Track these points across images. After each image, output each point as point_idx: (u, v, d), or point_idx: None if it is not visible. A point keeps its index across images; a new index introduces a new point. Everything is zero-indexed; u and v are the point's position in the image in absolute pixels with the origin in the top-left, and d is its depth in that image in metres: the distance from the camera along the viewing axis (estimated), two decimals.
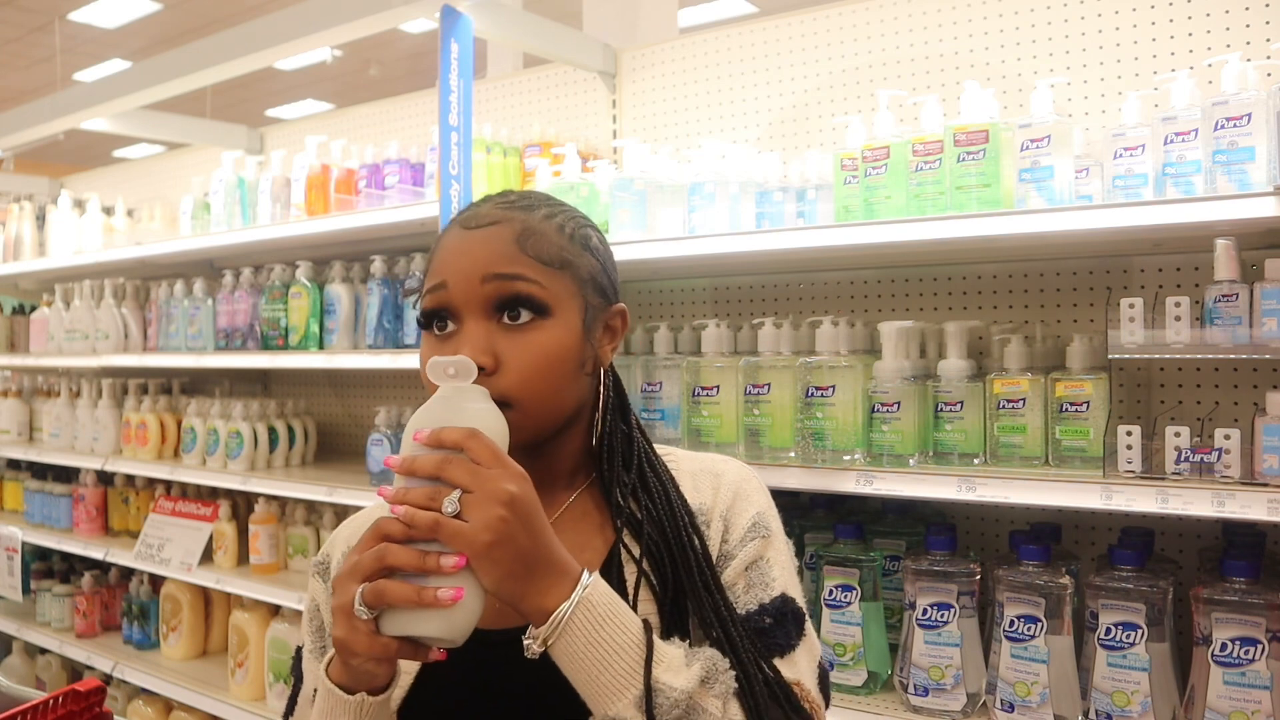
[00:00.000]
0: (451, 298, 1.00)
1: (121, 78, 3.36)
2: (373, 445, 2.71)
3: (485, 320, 0.99)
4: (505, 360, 0.97)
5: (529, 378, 0.97)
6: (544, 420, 1.01)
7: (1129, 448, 1.69)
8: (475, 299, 0.99)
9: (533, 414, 0.98)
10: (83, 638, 3.62)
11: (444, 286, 1.00)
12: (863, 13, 2.40)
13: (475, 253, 1.00)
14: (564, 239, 1.04)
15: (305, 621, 1.13)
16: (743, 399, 2.09)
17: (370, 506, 1.15)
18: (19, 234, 4.06)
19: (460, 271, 1.00)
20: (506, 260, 1.00)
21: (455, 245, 1.02)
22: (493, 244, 1.01)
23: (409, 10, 2.44)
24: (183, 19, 8.70)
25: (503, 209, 1.04)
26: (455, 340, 0.99)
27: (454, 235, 1.04)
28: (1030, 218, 1.73)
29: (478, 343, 0.97)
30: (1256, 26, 1.93)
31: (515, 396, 0.96)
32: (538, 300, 0.99)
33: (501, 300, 0.98)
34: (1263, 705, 1.59)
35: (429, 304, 1.02)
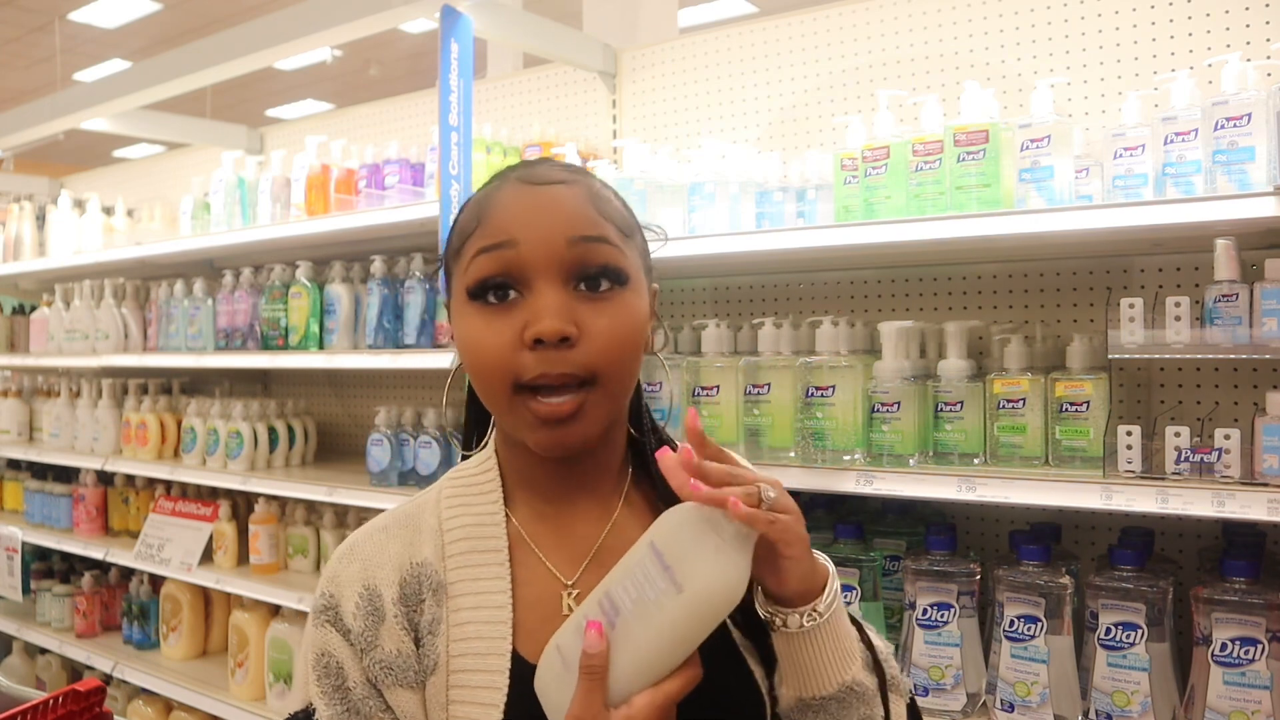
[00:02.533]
0: (524, 259, 0.87)
1: (121, 78, 3.36)
2: (373, 445, 2.71)
3: (562, 286, 0.88)
4: (587, 331, 0.87)
5: (612, 350, 0.88)
6: (620, 400, 0.93)
7: (1129, 448, 1.69)
8: (555, 262, 0.87)
9: (612, 392, 0.89)
10: (83, 638, 3.62)
11: (511, 245, 0.87)
12: (863, 13, 2.40)
13: (554, 210, 0.88)
14: (622, 206, 0.96)
15: (313, 680, 0.94)
16: (743, 399, 2.09)
17: (365, 533, 0.99)
18: (19, 234, 4.06)
19: (537, 229, 0.87)
20: (590, 221, 0.89)
21: (524, 201, 0.89)
22: (572, 202, 0.90)
23: (409, 10, 2.44)
24: (183, 19, 8.70)
25: (563, 170, 0.93)
26: (523, 310, 0.87)
27: (518, 191, 0.90)
28: (1030, 218, 1.73)
29: (560, 310, 0.86)
30: (1256, 26, 1.93)
31: (599, 370, 0.87)
32: (619, 268, 0.90)
33: (585, 266, 0.88)
34: (1263, 705, 1.59)
35: (490, 267, 0.88)
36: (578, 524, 0.97)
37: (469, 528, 0.96)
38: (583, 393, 0.87)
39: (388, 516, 1.00)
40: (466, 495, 0.98)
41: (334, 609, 0.94)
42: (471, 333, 0.90)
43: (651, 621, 0.80)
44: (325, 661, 0.93)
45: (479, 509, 0.97)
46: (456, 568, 0.93)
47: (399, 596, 0.92)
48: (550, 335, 0.85)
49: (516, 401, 0.88)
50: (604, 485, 0.98)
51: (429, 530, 0.96)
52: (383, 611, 0.92)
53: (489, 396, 0.91)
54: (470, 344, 0.90)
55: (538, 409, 0.87)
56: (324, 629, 0.94)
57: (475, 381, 0.92)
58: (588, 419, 0.88)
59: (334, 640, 0.93)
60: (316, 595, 0.96)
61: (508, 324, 0.87)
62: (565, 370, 0.86)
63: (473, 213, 0.92)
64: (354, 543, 0.98)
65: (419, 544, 0.95)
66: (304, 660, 0.96)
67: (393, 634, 0.91)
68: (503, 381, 0.88)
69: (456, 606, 0.92)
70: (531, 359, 0.86)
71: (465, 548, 0.94)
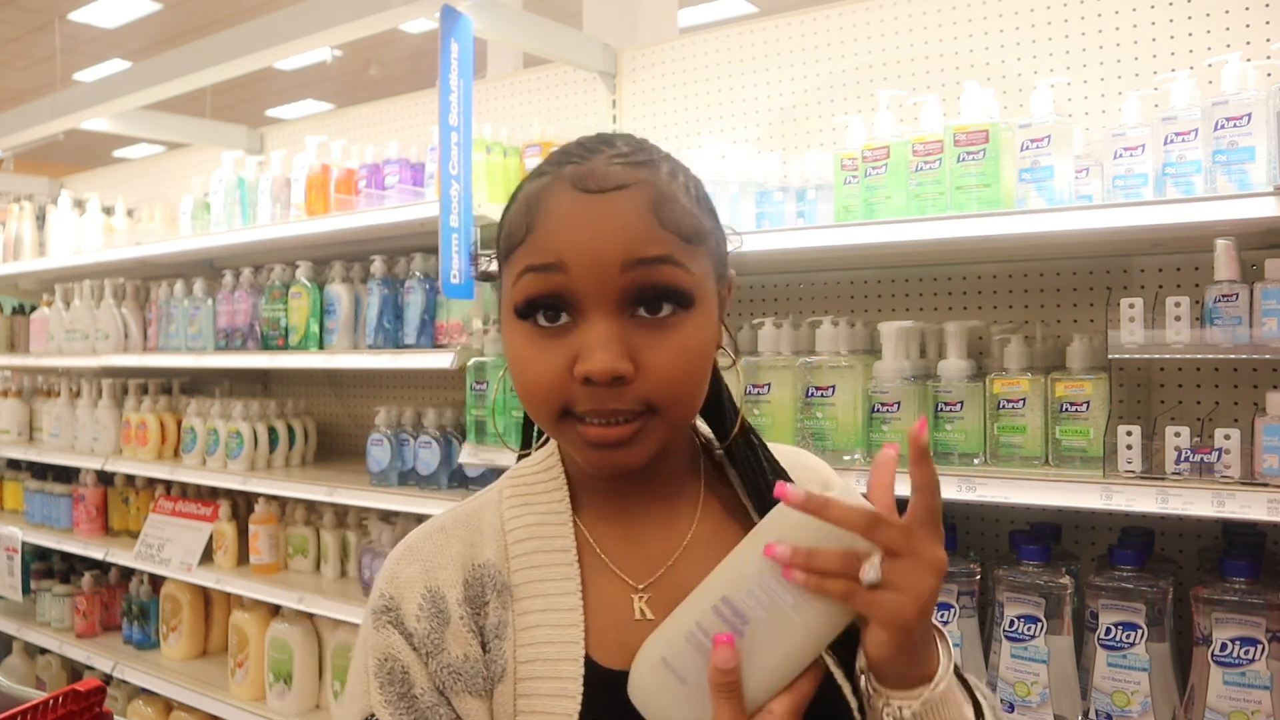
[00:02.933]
0: (574, 286, 0.80)
1: (121, 78, 3.36)
2: (373, 445, 2.71)
3: (617, 314, 0.80)
4: (645, 362, 0.80)
5: (672, 382, 0.81)
6: (681, 425, 0.87)
7: (1129, 448, 1.69)
8: (608, 290, 0.79)
9: (673, 420, 0.83)
10: (83, 638, 3.62)
11: (561, 269, 0.80)
12: (863, 13, 2.40)
13: (607, 228, 0.79)
14: (693, 203, 0.85)
15: (375, 687, 0.85)
16: (744, 399, 2.08)
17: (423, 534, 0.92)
18: (19, 234, 4.06)
19: (588, 253, 0.79)
20: (648, 240, 0.80)
21: (575, 214, 0.81)
22: (628, 217, 0.80)
23: (409, 10, 2.44)
24: (183, 19, 8.70)
25: (626, 166, 0.83)
26: (574, 338, 0.80)
27: (570, 200, 0.81)
28: (1030, 218, 1.73)
29: (613, 344, 0.79)
30: (1256, 26, 1.93)
31: (657, 403, 0.81)
32: (683, 290, 0.81)
33: (642, 292, 0.80)
34: (1263, 705, 1.59)
35: (538, 288, 0.81)
36: (648, 526, 0.92)
37: (533, 528, 0.90)
38: (640, 420, 0.81)
39: (445, 516, 0.94)
40: (529, 495, 0.93)
41: (395, 610, 0.87)
42: (519, 353, 0.83)
43: (789, 631, 0.76)
44: (389, 667, 0.85)
45: (543, 508, 0.91)
46: (521, 569, 0.88)
47: (463, 598, 0.87)
48: (601, 377, 0.78)
49: (564, 425, 0.83)
50: (673, 489, 0.93)
51: (490, 530, 0.91)
52: (447, 614, 0.86)
53: (536, 417, 0.86)
54: (518, 364, 0.84)
55: (586, 433, 0.81)
56: (385, 631, 0.87)
57: (522, 399, 0.86)
58: (644, 443, 0.82)
59: (397, 643, 0.86)
60: (374, 596, 0.89)
61: (558, 351, 0.81)
62: (619, 407, 0.80)
63: (522, 215, 0.84)
64: (411, 544, 0.91)
65: (480, 544, 0.90)
66: (361, 666, 0.88)
67: (459, 637, 0.86)
68: (550, 408, 0.82)
69: (523, 610, 0.87)
70: (583, 393, 0.80)
71: (530, 548, 0.89)
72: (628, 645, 0.83)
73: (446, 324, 2.59)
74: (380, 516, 2.84)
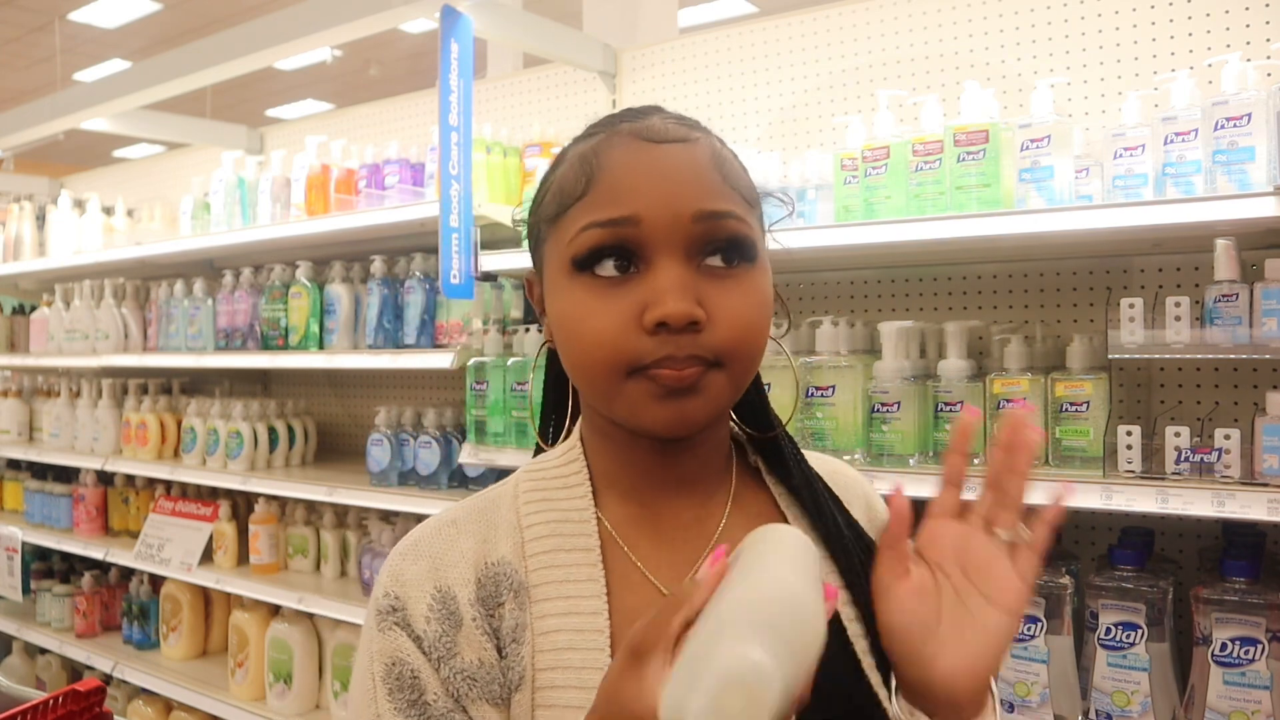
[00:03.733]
0: (645, 236, 0.77)
1: (121, 78, 3.36)
2: (373, 445, 2.71)
3: (685, 262, 0.78)
4: (714, 313, 0.77)
5: (742, 330, 0.78)
6: (742, 387, 0.82)
7: (1129, 448, 1.69)
8: (679, 239, 0.77)
9: (736, 376, 0.80)
10: (83, 638, 3.62)
11: (633, 223, 0.77)
12: (863, 13, 2.40)
13: (679, 177, 0.78)
14: (745, 170, 0.85)
15: (383, 695, 0.79)
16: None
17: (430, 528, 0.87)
18: (19, 234, 4.07)
19: (661, 203, 0.77)
20: (717, 193, 0.79)
21: (644, 163, 0.79)
22: (698, 167, 0.79)
23: (409, 10, 2.44)
24: (183, 19, 8.70)
25: (682, 125, 0.83)
26: (641, 288, 0.77)
27: (634, 150, 0.80)
28: (1030, 218, 1.73)
29: (688, 289, 0.76)
30: (1256, 26, 1.93)
31: (726, 353, 0.77)
32: (749, 243, 0.80)
33: (712, 243, 0.78)
34: (1263, 705, 1.59)
35: (605, 239, 0.78)
36: (678, 528, 0.86)
37: (553, 524, 0.85)
38: (707, 370, 0.77)
39: (456, 510, 0.88)
40: (549, 489, 0.87)
41: (401, 610, 0.81)
42: (577, 309, 0.78)
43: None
44: (397, 672, 0.79)
45: (565, 504, 0.86)
46: (540, 568, 0.82)
47: (476, 598, 0.81)
48: (677, 320, 0.75)
49: (630, 384, 0.78)
50: (704, 486, 0.88)
51: (505, 526, 0.85)
52: (459, 616, 0.80)
53: (594, 379, 0.80)
54: (576, 322, 0.79)
55: (659, 375, 0.76)
56: (392, 633, 0.80)
57: (579, 362, 0.80)
58: (709, 395, 0.78)
59: (406, 646, 0.79)
60: (377, 596, 0.83)
61: (623, 302, 0.77)
62: (692, 353, 0.76)
63: (578, 170, 0.81)
64: (418, 539, 0.85)
65: (494, 540, 0.84)
66: (365, 671, 0.81)
67: (473, 641, 0.80)
68: (616, 367, 0.77)
69: (542, 612, 0.81)
70: (652, 343, 0.76)
71: (549, 545, 0.83)
72: None
73: (446, 324, 2.60)
74: (380, 516, 2.84)
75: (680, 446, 0.84)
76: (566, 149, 0.86)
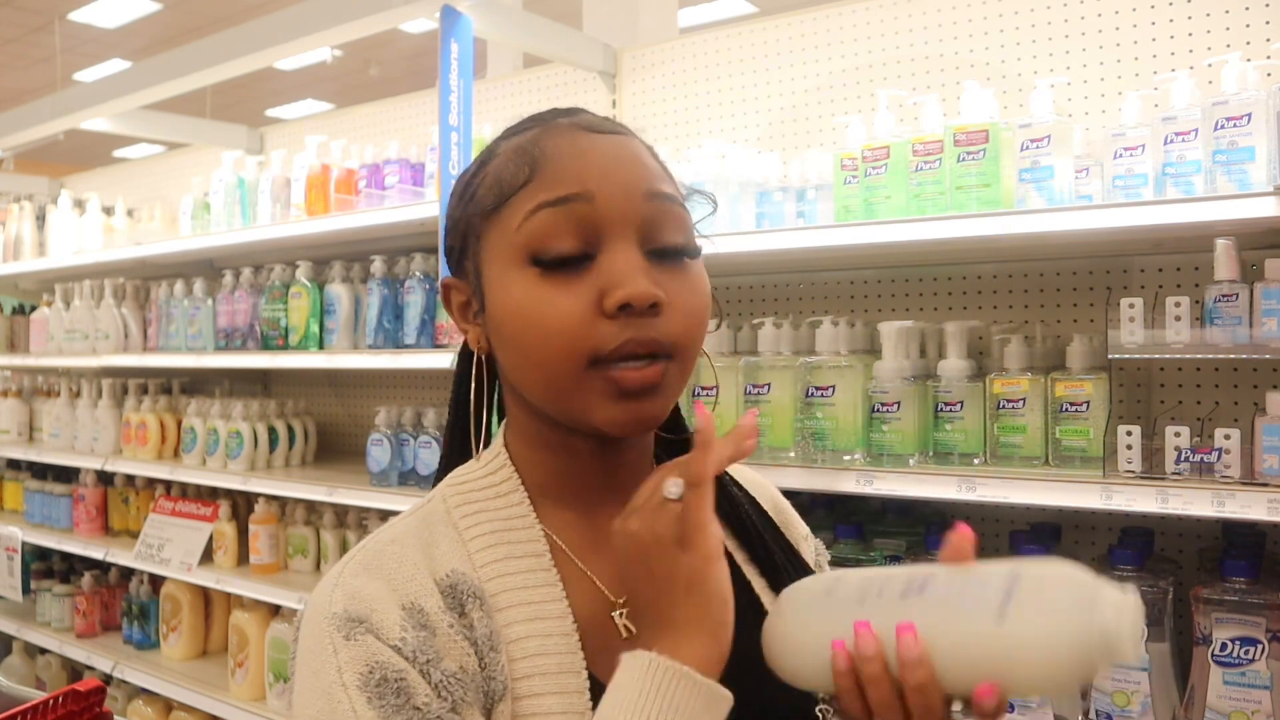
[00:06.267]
0: (600, 214, 0.75)
1: (121, 78, 3.36)
2: (373, 445, 2.71)
3: (638, 248, 0.76)
4: (670, 299, 0.75)
5: (694, 320, 0.77)
6: (685, 381, 0.80)
7: (1129, 448, 1.69)
8: (633, 219, 0.76)
9: (685, 369, 0.78)
10: (83, 638, 3.62)
11: (586, 199, 0.75)
12: (863, 13, 2.40)
13: (628, 158, 0.77)
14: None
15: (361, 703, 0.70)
16: (743, 399, 2.09)
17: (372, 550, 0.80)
18: (19, 234, 4.06)
19: (613, 181, 0.76)
20: (661, 177, 0.79)
21: (594, 147, 0.77)
22: (640, 154, 0.79)
23: (409, 10, 2.44)
24: (183, 19, 8.70)
25: (612, 122, 0.84)
26: (597, 274, 0.75)
27: (581, 137, 0.78)
28: (1030, 218, 1.73)
29: (647, 272, 0.74)
30: (1256, 26, 1.93)
31: (681, 345, 0.76)
32: (690, 235, 0.80)
33: (661, 229, 0.77)
34: (1263, 705, 1.59)
35: (558, 224, 0.75)
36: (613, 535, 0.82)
37: (497, 533, 0.81)
38: (663, 363, 0.75)
39: (390, 531, 0.83)
40: (481, 500, 0.84)
41: (365, 620, 0.73)
42: (530, 301, 0.75)
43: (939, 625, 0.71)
44: (379, 676, 0.71)
45: (503, 512, 0.83)
46: (494, 576, 0.79)
47: (444, 605, 0.76)
48: (641, 300, 0.73)
49: (589, 377, 0.75)
50: (633, 489, 0.82)
51: (446, 540, 0.81)
52: (433, 625, 0.75)
53: (550, 374, 0.76)
54: (529, 314, 0.75)
55: (623, 378, 0.74)
56: (364, 639, 0.72)
57: (534, 356, 0.76)
58: (667, 394, 0.77)
59: (384, 650, 0.72)
60: (332, 612, 0.74)
61: (580, 288, 0.74)
62: (654, 337, 0.74)
63: (518, 160, 0.78)
64: (365, 561, 0.78)
65: (439, 556, 0.79)
66: (333, 687, 0.71)
67: (453, 647, 0.75)
68: (574, 357, 0.74)
69: (507, 620, 0.77)
70: (613, 328, 0.73)
71: (499, 554, 0.80)
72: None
73: (446, 324, 2.60)
74: (380, 516, 2.84)
75: (618, 448, 0.83)
76: (494, 145, 0.84)
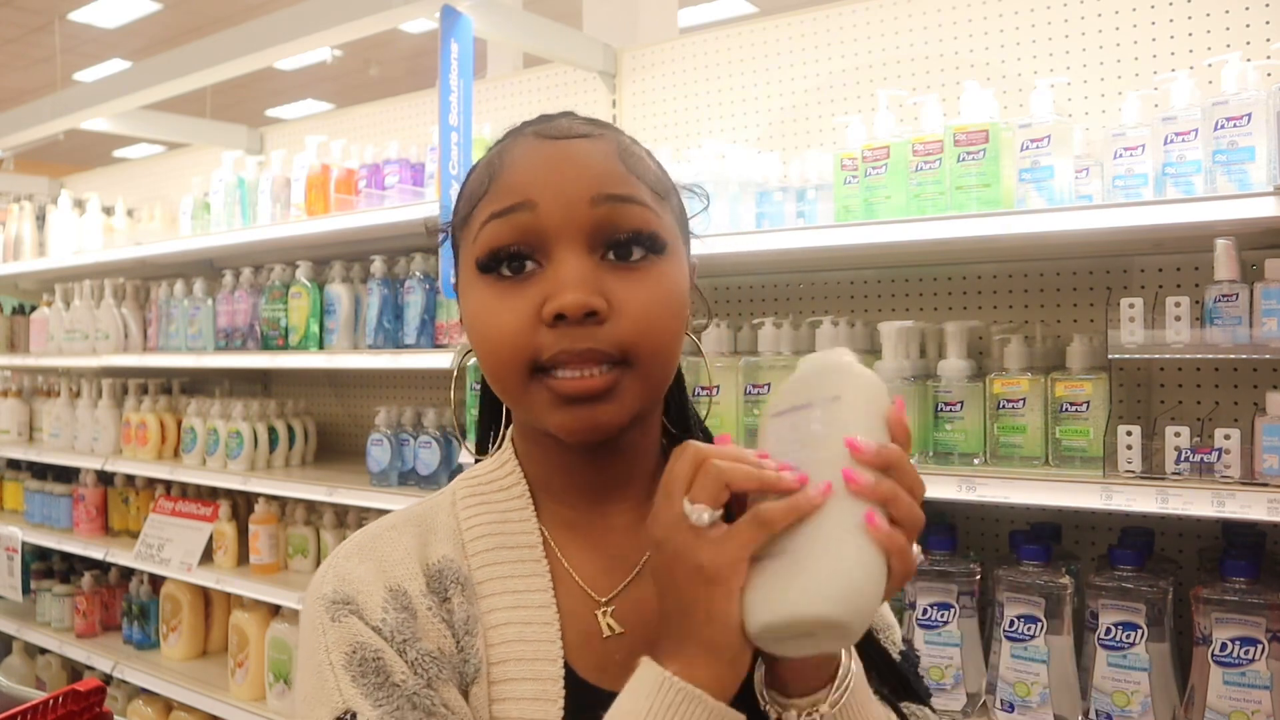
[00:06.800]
0: (543, 223, 0.76)
1: (121, 78, 3.36)
2: (373, 445, 2.71)
3: (587, 254, 0.76)
4: (618, 305, 0.75)
5: (648, 326, 0.76)
6: (659, 386, 0.80)
7: (1129, 448, 1.69)
8: (578, 226, 0.76)
9: (649, 374, 0.77)
10: (83, 638, 3.62)
11: (530, 208, 0.76)
12: (863, 13, 2.40)
13: (575, 165, 0.77)
14: (655, 164, 0.84)
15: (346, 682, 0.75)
16: (743, 399, 2.09)
17: (370, 534, 0.86)
18: (19, 234, 4.07)
19: (556, 189, 0.76)
20: (617, 179, 0.78)
21: (542, 156, 0.78)
22: (596, 156, 0.78)
23: (409, 10, 2.44)
24: (183, 19, 8.70)
25: (589, 124, 0.82)
26: (542, 283, 0.76)
27: (534, 146, 0.79)
28: (1030, 218, 1.73)
29: (585, 280, 0.75)
30: (1256, 26, 1.93)
31: (633, 349, 0.75)
32: (654, 233, 0.78)
33: (613, 230, 0.76)
34: (1263, 705, 1.59)
35: (503, 234, 0.77)
36: (610, 534, 0.85)
37: (493, 524, 0.85)
38: (615, 371, 0.75)
39: (394, 516, 0.88)
40: (486, 494, 0.87)
41: (352, 603, 0.78)
42: (481, 310, 0.78)
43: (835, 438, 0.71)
44: (361, 655, 0.75)
45: (503, 507, 0.86)
46: (483, 565, 0.82)
47: (426, 589, 0.80)
48: (573, 310, 0.73)
49: (533, 384, 0.77)
50: (638, 491, 0.85)
51: (445, 529, 0.85)
52: (414, 608, 0.79)
53: (501, 381, 0.79)
54: (480, 322, 0.79)
55: (559, 386, 0.75)
56: (348, 621, 0.77)
57: (485, 365, 0.80)
58: (621, 399, 0.76)
59: (365, 631, 0.76)
60: (323, 595, 0.79)
61: (524, 299, 0.76)
62: (590, 346, 0.74)
63: (483, 174, 0.82)
64: (360, 543, 0.84)
65: (434, 543, 0.84)
66: (322, 664, 0.76)
67: (431, 629, 0.78)
68: (517, 363, 0.76)
69: (490, 607, 0.80)
70: (551, 336, 0.75)
71: (491, 544, 0.84)
72: (601, 661, 0.79)
73: (446, 324, 2.60)
74: (380, 516, 2.84)
75: (606, 450, 0.82)
76: (483, 156, 0.87)
